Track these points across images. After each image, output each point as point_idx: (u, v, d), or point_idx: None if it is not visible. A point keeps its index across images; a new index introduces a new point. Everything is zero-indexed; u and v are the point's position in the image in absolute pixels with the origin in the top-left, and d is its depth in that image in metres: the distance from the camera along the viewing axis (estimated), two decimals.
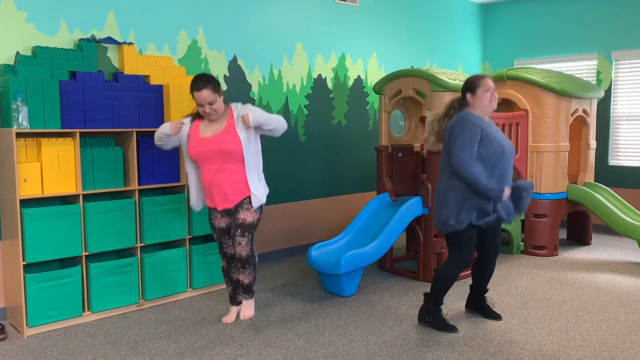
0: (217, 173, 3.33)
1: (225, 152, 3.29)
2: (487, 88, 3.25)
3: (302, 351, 3.16)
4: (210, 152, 3.30)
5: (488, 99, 3.25)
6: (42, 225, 3.39)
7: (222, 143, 3.29)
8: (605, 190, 5.52)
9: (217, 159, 3.31)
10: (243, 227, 3.38)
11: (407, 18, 6.41)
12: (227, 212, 3.44)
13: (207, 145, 3.30)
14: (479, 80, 3.28)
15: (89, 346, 3.25)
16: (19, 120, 3.31)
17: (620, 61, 6.39)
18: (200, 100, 3.26)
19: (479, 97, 3.25)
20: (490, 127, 3.25)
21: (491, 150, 3.17)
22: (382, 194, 4.78)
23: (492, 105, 3.28)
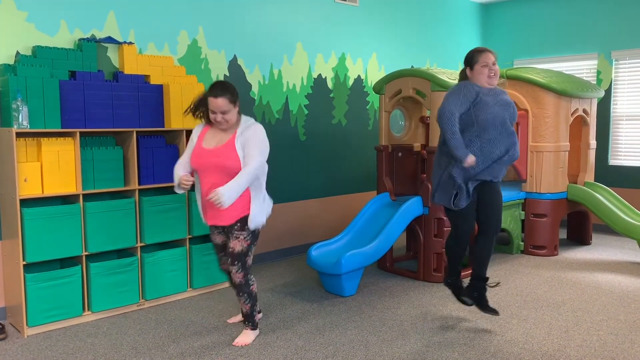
0: (214, 187, 3.08)
1: (224, 167, 3.10)
2: (484, 63, 3.24)
3: (302, 351, 3.16)
4: (209, 165, 3.13)
5: (486, 74, 3.24)
6: (42, 225, 3.39)
7: (222, 157, 3.11)
8: (605, 190, 5.52)
9: (215, 172, 3.11)
10: (232, 256, 3.18)
11: (407, 18, 6.41)
12: (223, 229, 3.25)
13: (207, 157, 3.13)
14: (476, 54, 3.28)
15: (89, 346, 3.25)
16: (19, 120, 3.31)
17: (620, 61, 6.39)
18: (214, 107, 3.08)
19: (477, 72, 3.27)
20: (488, 95, 3.25)
21: (482, 116, 3.20)
22: (382, 193, 4.78)
23: (491, 81, 3.27)
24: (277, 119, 5.14)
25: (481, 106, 3.21)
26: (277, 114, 5.14)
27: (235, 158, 3.10)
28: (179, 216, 4.01)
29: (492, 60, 3.26)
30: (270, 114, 5.09)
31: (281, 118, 5.17)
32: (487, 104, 3.23)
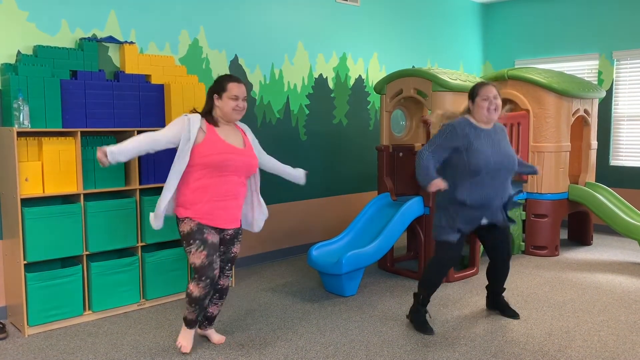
0: (237, 187, 3.01)
1: (253, 168, 3.09)
2: (484, 97, 3.22)
3: (302, 351, 3.15)
4: (242, 164, 2.98)
5: (485, 108, 3.22)
6: (43, 225, 3.39)
7: (253, 158, 3.07)
8: (606, 191, 5.51)
9: (244, 172, 3.02)
10: (234, 260, 3.18)
11: (409, 18, 6.41)
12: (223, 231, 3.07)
13: (242, 156, 2.99)
14: (478, 88, 3.27)
15: (89, 345, 3.25)
16: (20, 120, 3.31)
17: (621, 61, 6.38)
18: (240, 92, 2.97)
19: (477, 105, 3.25)
20: (481, 137, 3.22)
21: (474, 161, 3.18)
22: (382, 193, 4.78)
23: (490, 115, 3.23)
24: (278, 119, 5.14)
25: (473, 151, 3.17)
26: (278, 114, 5.14)
27: (256, 159, 3.12)
28: None
29: (494, 94, 3.22)
30: (271, 114, 5.09)
31: (282, 118, 5.17)
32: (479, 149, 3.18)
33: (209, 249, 2.93)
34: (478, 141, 3.20)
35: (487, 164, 3.18)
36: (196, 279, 2.94)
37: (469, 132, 3.21)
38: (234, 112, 2.99)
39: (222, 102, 2.98)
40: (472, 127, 3.25)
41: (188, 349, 3.11)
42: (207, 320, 3.26)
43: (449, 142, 3.22)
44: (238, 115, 3.03)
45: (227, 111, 2.98)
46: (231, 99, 2.97)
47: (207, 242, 2.93)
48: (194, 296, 2.96)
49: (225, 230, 3.07)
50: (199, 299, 2.97)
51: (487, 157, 3.19)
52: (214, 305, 3.22)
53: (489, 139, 3.25)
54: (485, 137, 3.24)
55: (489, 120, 3.26)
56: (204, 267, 2.92)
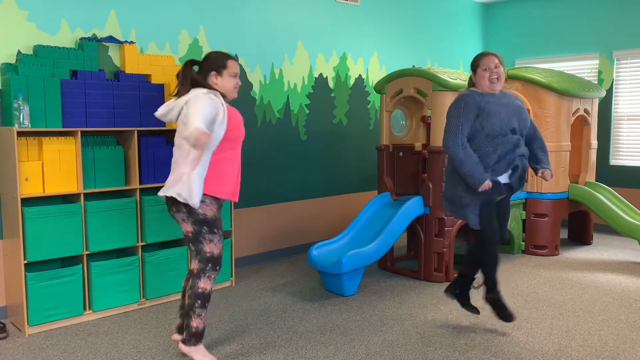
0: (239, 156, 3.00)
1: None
2: (484, 67, 3.22)
3: (302, 350, 3.16)
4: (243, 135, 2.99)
5: (487, 78, 3.21)
6: (43, 224, 3.39)
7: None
8: (606, 190, 5.51)
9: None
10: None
11: (409, 17, 6.41)
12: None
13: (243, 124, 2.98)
14: (479, 58, 3.27)
15: (89, 345, 3.25)
16: (20, 119, 3.31)
17: (621, 61, 6.38)
18: (238, 69, 2.93)
19: (479, 76, 3.25)
20: (491, 103, 3.19)
21: (489, 126, 3.16)
22: (383, 193, 4.78)
23: (492, 85, 3.21)
24: (278, 119, 5.14)
25: (486, 115, 3.17)
26: (278, 114, 5.14)
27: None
28: None
29: (495, 63, 3.21)
30: (271, 114, 5.09)
31: (282, 117, 5.17)
32: (492, 112, 3.18)
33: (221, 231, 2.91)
34: (489, 106, 3.19)
35: (502, 124, 3.16)
36: (210, 271, 2.86)
37: (479, 100, 3.21)
38: (235, 90, 2.93)
39: (223, 80, 2.87)
40: (479, 95, 3.24)
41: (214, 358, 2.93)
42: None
43: (468, 114, 3.19)
44: (236, 94, 2.95)
45: (229, 89, 2.89)
46: (232, 76, 2.89)
47: (222, 231, 2.92)
48: (207, 292, 2.86)
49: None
50: (210, 294, 2.90)
51: (501, 118, 3.16)
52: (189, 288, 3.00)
53: (499, 103, 3.22)
54: (494, 102, 3.22)
55: (492, 89, 3.24)
56: (220, 258, 2.90)
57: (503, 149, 3.19)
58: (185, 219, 2.86)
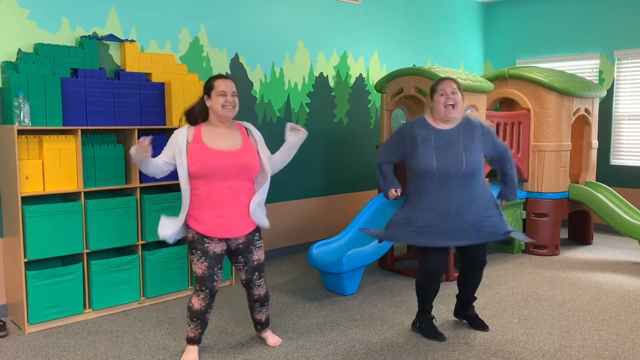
0: (236, 193, 2.88)
1: (249, 170, 2.92)
2: (441, 92, 3.03)
3: (302, 349, 3.16)
4: (228, 167, 2.84)
5: (442, 104, 3.01)
6: (43, 223, 3.39)
7: (248, 159, 2.91)
8: (606, 190, 5.51)
9: (235, 175, 2.87)
10: (260, 268, 3.04)
11: (409, 16, 6.40)
12: (227, 240, 2.94)
13: (227, 159, 2.84)
14: (436, 83, 3.10)
15: (89, 343, 3.25)
16: (20, 117, 3.31)
17: (622, 60, 6.37)
18: (227, 87, 2.86)
19: (435, 101, 3.06)
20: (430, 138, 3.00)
21: (415, 164, 3.04)
22: (383, 192, 4.77)
23: (447, 112, 3.00)
24: (279, 118, 5.13)
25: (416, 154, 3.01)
26: (278, 113, 5.14)
27: (257, 159, 2.96)
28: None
29: (452, 89, 3.01)
30: (272, 113, 5.08)
31: (282, 116, 5.16)
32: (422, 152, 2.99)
33: (210, 260, 2.87)
34: (425, 142, 3.00)
35: (428, 168, 2.96)
36: (196, 291, 2.91)
37: (418, 133, 3.05)
38: (224, 109, 2.87)
39: (212, 101, 2.88)
40: (425, 127, 3.06)
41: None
42: (258, 324, 3.23)
43: (397, 144, 3.15)
44: (229, 113, 2.89)
45: (217, 109, 2.87)
46: (219, 95, 2.86)
47: (207, 252, 2.87)
48: (194, 309, 2.92)
49: (233, 240, 2.93)
50: (199, 312, 2.91)
51: (428, 160, 2.96)
52: (259, 313, 3.17)
53: (442, 140, 3.01)
54: (437, 137, 3.02)
55: (447, 117, 3.03)
56: (204, 278, 2.87)
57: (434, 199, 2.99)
58: None
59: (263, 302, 3.13)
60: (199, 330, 2.98)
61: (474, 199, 3.03)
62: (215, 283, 2.90)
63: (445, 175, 2.98)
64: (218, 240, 2.89)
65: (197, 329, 2.97)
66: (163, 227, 2.91)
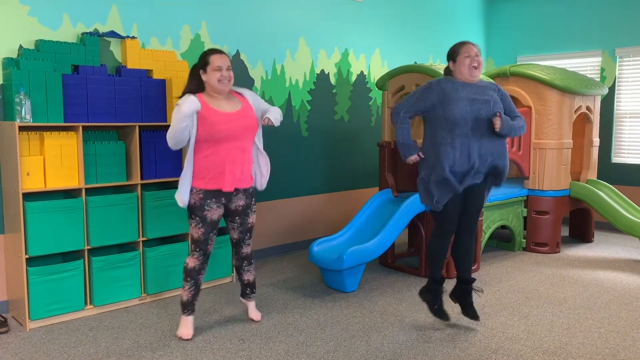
0: (236, 151, 3.13)
1: (252, 129, 3.19)
2: (466, 54, 3.21)
3: (303, 346, 3.16)
4: (237, 128, 3.10)
5: (467, 64, 3.20)
6: (44, 219, 3.39)
7: (250, 119, 3.18)
8: (608, 188, 5.51)
9: (241, 136, 3.14)
10: (251, 230, 3.40)
11: (411, 13, 6.39)
12: (228, 200, 3.20)
13: (235, 120, 3.10)
14: (459, 47, 3.26)
15: (90, 339, 3.26)
16: (22, 114, 3.31)
17: (624, 58, 6.36)
18: (222, 62, 3.07)
19: (460, 63, 3.23)
20: (459, 92, 3.16)
21: (449, 112, 3.13)
22: (384, 189, 4.78)
23: (472, 72, 3.21)
24: None
25: (448, 102, 3.14)
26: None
27: (257, 120, 3.23)
28: (181, 211, 4.00)
29: (475, 52, 3.22)
30: None
31: (284, 114, 5.16)
32: (455, 100, 3.13)
33: (207, 227, 3.17)
34: (455, 92, 3.16)
35: (464, 114, 3.11)
36: (191, 250, 3.24)
37: (446, 86, 3.20)
38: (220, 83, 3.08)
39: (208, 76, 3.09)
40: (450, 81, 3.23)
41: (189, 335, 3.24)
42: (247, 287, 3.51)
43: (425, 99, 3.22)
44: (225, 86, 3.11)
45: (213, 83, 3.08)
46: (215, 70, 3.06)
47: (205, 219, 3.15)
48: (188, 268, 3.22)
49: (234, 201, 3.21)
50: (193, 270, 3.21)
51: (463, 106, 3.12)
52: (247, 273, 3.47)
53: (471, 92, 3.19)
54: (464, 89, 3.19)
55: (472, 76, 3.22)
56: (200, 241, 3.19)
57: (462, 141, 3.13)
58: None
59: (250, 260, 3.46)
60: (192, 292, 3.24)
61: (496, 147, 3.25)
62: (209, 246, 3.23)
63: (477, 120, 3.16)
64: (216, 207, 3.15)
65: (190, 291, 3.23)
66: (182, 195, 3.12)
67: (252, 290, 3.53)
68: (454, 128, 3.14)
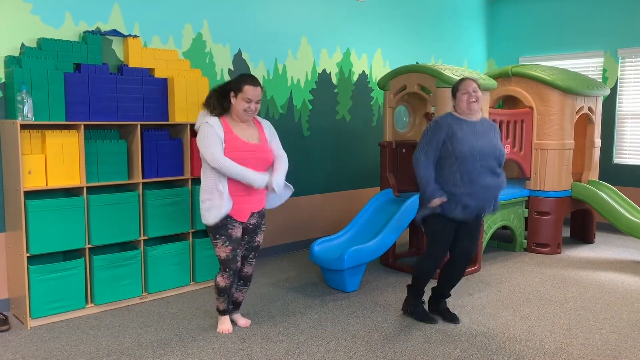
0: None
1: (269, 163, 3.25)
2: (464, 90, 3.35)
3: (304, 346, 3.16)
4: (256, 159, 3.16)
5: (465, 101, 3.33)
6: (46, 217, 3.39)
7: (267, 153, 3.22)
8: (609, 189, 5.50)
9: (258, 167, 3.17)
10: (257, 249, 3.39)
11: (413, 13, 6.39)
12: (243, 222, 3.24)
13: (255, 152, 3.16)
14: (458, 83, 3.41)
15: (91, 338, 3.26)
16: (23, 112, 3.31)
17: (626, 59, 6.35)
18: (254, 95, 3.12)
19: (458, 99, 3.38)
20: (463, 127, 3.31)
21: (458, 149, 3.26)
22: (385, 189, 4.78)
23: (470, 106, 3.34)
24: (281, 114, 5.13)
25: (457, 139, 3.28)
26: (281, 109, 5.13)
27: (271, 152, 3.28)
28: (182, 210, 4.01)
29: (473, 87, 3.35)
30: (275, 109, 5.08)
31: (285, 113, 5.16)
32: (463, 137, 3.28)
33: (233, 244, 3.19)
34: (461, 130, 3.31)
35: (472, 150, 3.26)
36: (221, 271, 3.24)
37: (452, 122, 3.34)
38: (245, 113, 3.14)
39: (236, 101, 3.13)
40: (454, 118, 3.38)
41: (230, 329, 3.37)
42: (233, 306, 3.48)
43: (436, 136, 3.34)
44: (247, 117, 3.17)
45: (238, 111, 3.13)
46: (244, 100, 3.11)
47: (231, 237, 3.18)
48: (221, 287, 3.26)
49: (248, 220, 3.24)
50: (225, 288, 3.27)
51: (470, 142, 3.27)
52: (238, 292, 3.46)
53: (473, 128, 3.34)
54: (468, 126, 3.34)
55: (471, 110, 3.36)
56: (228, 260, 3.20)
57: (470, 174, 3.26)
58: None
59: (247, 281, 3.44)
60: (226, 302, 3.35)
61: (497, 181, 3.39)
62: (237, 263, 3.25)
63: (484, 155, 3.31)
64: (238, 225, 3.19)
65: (224, 302, 3.34)
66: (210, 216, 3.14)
67: (236, 308, 3.51)
68: (462, 162, 3.27)
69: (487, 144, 3.32)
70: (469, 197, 3.27)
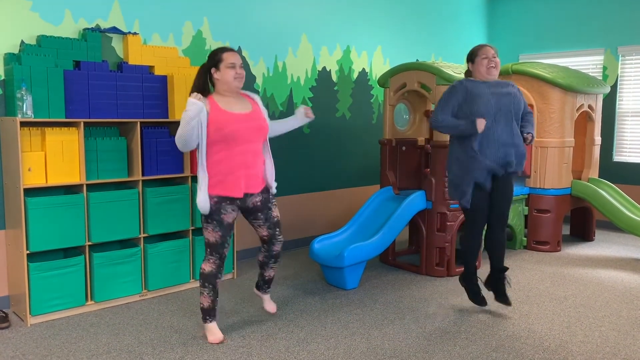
0: (248, 155, 3.07)
1: (263, 131, 3.13)
2: (484, 56, 3.42)
3: (303, 343, 3.16)
4: (249, 129, 3.04)
5: (485, 65, 3.41)
6: (45, 215, 3.40)
7: (260, 120, 3.12)
8: (609, 187, 5.50)
9: (253, 137, 3.07)
10: (279, 224, 3.30)
11: (413, 11, 6.38)
12: (242, 202, 3.12)
13: (247, 121, 3.04)
14: (477, 49, 3.48)
15: (91, 335, 3.26)
16: (23, 110, 3.31)
17: (626, 57, 6.35)
18: (235, 59, 3.05)
19: (478, 64, 3.45)
20: (482, 88, 3.37)
21: (475, 108, 3.34)
22: (385, 187, 4.78)
23: (490, 71, 3.42)
24: (281, 112, 5.13)
25: (472, 99, 3.36)
26: (281, 107, 5.13)
27: (265, 120, 3.20)
28: (182, 207, 4.01)
29: (492, 53, 3.43)
30: (275, 107, 5.08)
31: (285, 110, 5.16)
32: (479, 95, 3.35)
33: (224, 230, 3.09)
34: (477, 90, 3.37)
35: (488, 108, 3.32)
36: (207, 255, 3.13)
37: (468, 85, 3.41)
38: (235, 80, 3.06)
39: (221, 73, 3.06)
40: (470, 81, 3.44)
41: (221, 337, 3.17)
42: (265, 283, 3.48)
43: (452, 99, 3.41)
44: (239, 83, 3.09)
45: (229, 80, 3.05)
46: (229, 67, 3.04)
47: (222, 223, 3.08)
48: (206, 272, 3.12)
49: (250, 199, 3.14)
50: (210, 275, 3.12)
51: (487, 101, 3.33)
52: (270, 269, 3.41)
53: (490, 88, 3.40)
54: (485, 87, 3.40)
55: (490, 75, 3.43)
56: (217, 245, 3.10)
57: (489, 134, 3.34)
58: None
59: (277, 257, 3.37)
60: (211, 297, 3.15)
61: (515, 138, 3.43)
62: (225, 249, 3.14)
63: (500, 113, 3.36)
64: (232, 208, 3.08)
65: (210, 296, 3.14)
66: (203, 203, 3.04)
67: (269, 285, 3.52)
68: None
69: (504, 99, 3.37)
70: (488, 158, 3.34)
